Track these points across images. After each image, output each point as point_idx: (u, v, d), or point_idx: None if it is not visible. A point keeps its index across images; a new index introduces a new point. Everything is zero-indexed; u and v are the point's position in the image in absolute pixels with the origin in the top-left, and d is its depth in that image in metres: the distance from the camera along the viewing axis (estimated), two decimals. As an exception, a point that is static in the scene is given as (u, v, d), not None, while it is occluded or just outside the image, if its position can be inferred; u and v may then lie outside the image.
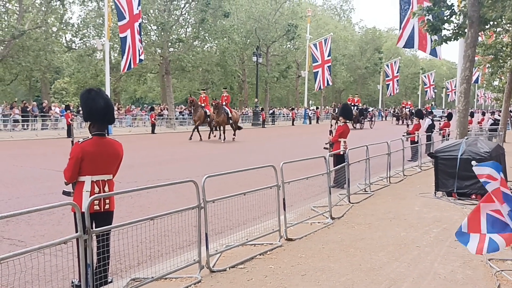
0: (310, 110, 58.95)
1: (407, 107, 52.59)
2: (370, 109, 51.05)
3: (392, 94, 66.67)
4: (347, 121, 11.40)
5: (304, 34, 54.12)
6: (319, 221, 7.67)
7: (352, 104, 42.71)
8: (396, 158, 12.88)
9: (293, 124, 47.90)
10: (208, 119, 26.09)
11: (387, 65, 65.70)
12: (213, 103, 25.55)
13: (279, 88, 63.49)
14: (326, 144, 11.58)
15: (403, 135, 15.90)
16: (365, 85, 78.59)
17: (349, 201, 9.16)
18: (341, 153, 10.29)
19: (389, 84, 65.18)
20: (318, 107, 61.43)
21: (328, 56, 50.00)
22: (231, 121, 25.69)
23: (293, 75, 61.45)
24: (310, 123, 52.51)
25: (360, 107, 43.41)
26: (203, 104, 26.39)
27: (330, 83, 52.09)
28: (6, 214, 3.53)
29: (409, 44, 18.83)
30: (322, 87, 51.91)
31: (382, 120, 64.69)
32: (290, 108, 57.02)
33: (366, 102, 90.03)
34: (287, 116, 53.95)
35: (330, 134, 11.46)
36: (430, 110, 49.68)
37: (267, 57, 53.85)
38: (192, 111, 26.39)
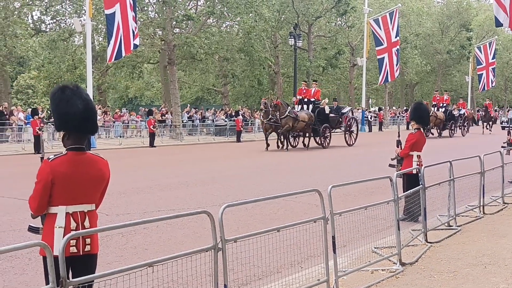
0: (370, 112, 58.65)
1: (442, 104, 44.54)
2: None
3: (486, 88, 65.69)
4: (422, 127, 11.30)
5: (360, 6, 54.05)
6: (383, 268, 7.60)
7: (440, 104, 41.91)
8: (493, 179, 12.67)
9: (346, 132, 47.65)
10: None
11: (479, 48, 64.85)
12: None
13: (326, 81, 63.45)
14: (392, 159, 11.50)
15: (503, 146, 15.66)
16: (447, 76, 77.73)
17: (426, 240, 9.06)
18: (414, 172, 10.19)
19: (481, 74, 64.25)
20: (381, 108, 61.13)
21: (396, 37, 49.72)
22: None
23: (345, 63, 61.30)
24: (370, 130, 52.21)
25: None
26: None
27: (397, 74, 51.79)
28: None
29: (499, 20, 18.64)
30: (390, 80, 51.56)
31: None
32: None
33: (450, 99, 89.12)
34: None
35: (398, 146, 11.38)
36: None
37: (309, 39, 53.94)
38: None
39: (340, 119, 32.86)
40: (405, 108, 67.74)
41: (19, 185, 14.28)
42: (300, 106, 31.50)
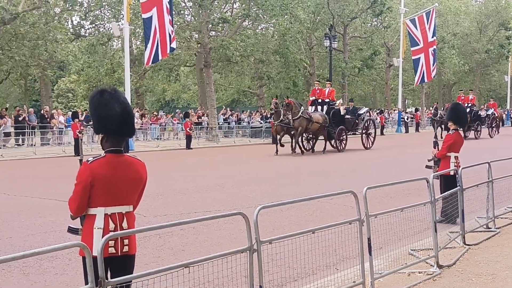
0: (406, 113, 58.10)
1: (467, 104, 37.85)
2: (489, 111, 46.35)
3: (525, 87, 64.66)
4: (460, 127, 11.18)
5: (396, 6, 53.61)
6: (420, 271, 7.53)
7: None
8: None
9: (382, 133, 47.34)
10: None
11: (518, 47, 63.89)
12: None
13: (362, 82, 63.03)
14: (429, 160, 11.39)
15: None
16: (486, 75, 76.62)
17: (464, 242, 8.95)
18: (452, 173, 10.08)
19: (521, 73, 63.30)
20: (418, 109, 60.53)
21: (432, 37, 49.28)
22: None
23: (381, 64, 60.85)
24: (407, 131, 51.70)
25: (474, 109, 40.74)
26: None
27: (434, 74, 51.17)
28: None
29: None
30: (426, 80, 51.03)
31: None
32: (378, 111, 56.51)
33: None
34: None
35: (435, 147, 11.27)
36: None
37: (344, 40, 53.69)
38: None
39: (357, 121, 30.72)
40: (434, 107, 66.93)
41: (60, 187, 14.50)
42: (313, 107, 29.41)
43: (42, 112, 35.30)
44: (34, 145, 30.18)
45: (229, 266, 5.17)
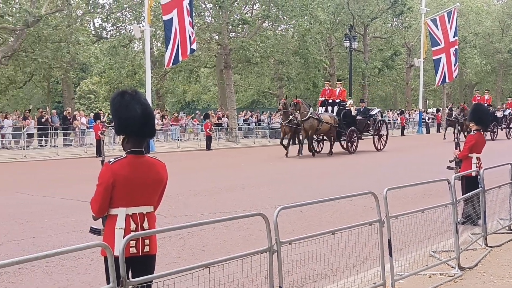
0: (427, 113, 57.74)
1: (484, 104, 33.27)
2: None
3: (548, 88, 63.90)
4: (482, 128, 11.08)
5: (417, 6, 53.33)
6: (441, 272, 7.48)
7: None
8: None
9: (402, 134, 47.22)
10: None
11: (541, 47, 63.19)
12: None
13: (382, 83, 62.78)
14: (450, 161, 11.30)
15: None
16: (508, 75, 75.91)
17: (486, 244, 8.88)
18: (473, 174, 10.00)
19: (544, 73, 62.57)
20: (439, 110, 60.13)
21: (454, 37, 48.94)
22: None
23: (402, 64, 60.57)
24: (428, 132, 51.41)
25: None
26: None
27: (455, 75, 50.77)
28: (17, 259, 3.70)
29: None
30: (447, 81, 50.65)
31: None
32: (398, 112, 56.26)
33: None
34: (395, 123, 53.27)
35: (456, 148, 11.19)
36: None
37: (364, 41, 53.53)
38: None
39: (368, 122, 29.68)
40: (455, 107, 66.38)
41: (82, 188, 14.62)
42: (324, 108, 28.68)
43: (64, 113, 35.68)
44: (57, 146, 30.49)
45: (249, 267, 5.17)
